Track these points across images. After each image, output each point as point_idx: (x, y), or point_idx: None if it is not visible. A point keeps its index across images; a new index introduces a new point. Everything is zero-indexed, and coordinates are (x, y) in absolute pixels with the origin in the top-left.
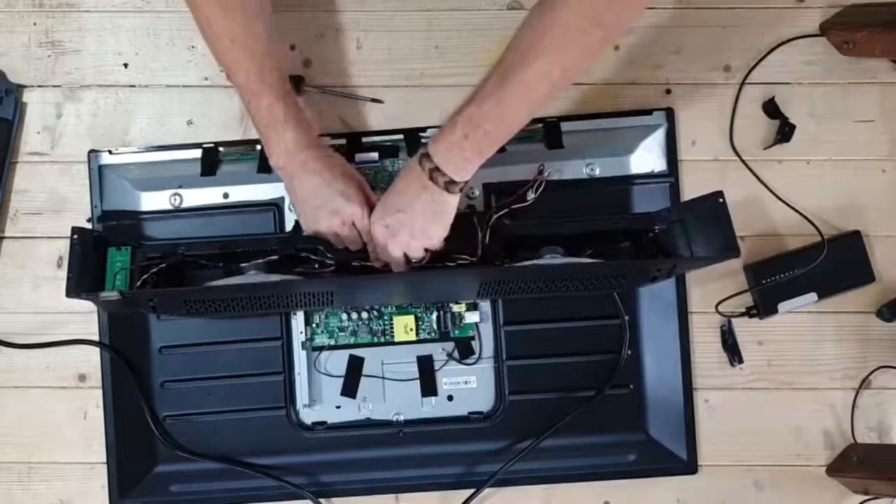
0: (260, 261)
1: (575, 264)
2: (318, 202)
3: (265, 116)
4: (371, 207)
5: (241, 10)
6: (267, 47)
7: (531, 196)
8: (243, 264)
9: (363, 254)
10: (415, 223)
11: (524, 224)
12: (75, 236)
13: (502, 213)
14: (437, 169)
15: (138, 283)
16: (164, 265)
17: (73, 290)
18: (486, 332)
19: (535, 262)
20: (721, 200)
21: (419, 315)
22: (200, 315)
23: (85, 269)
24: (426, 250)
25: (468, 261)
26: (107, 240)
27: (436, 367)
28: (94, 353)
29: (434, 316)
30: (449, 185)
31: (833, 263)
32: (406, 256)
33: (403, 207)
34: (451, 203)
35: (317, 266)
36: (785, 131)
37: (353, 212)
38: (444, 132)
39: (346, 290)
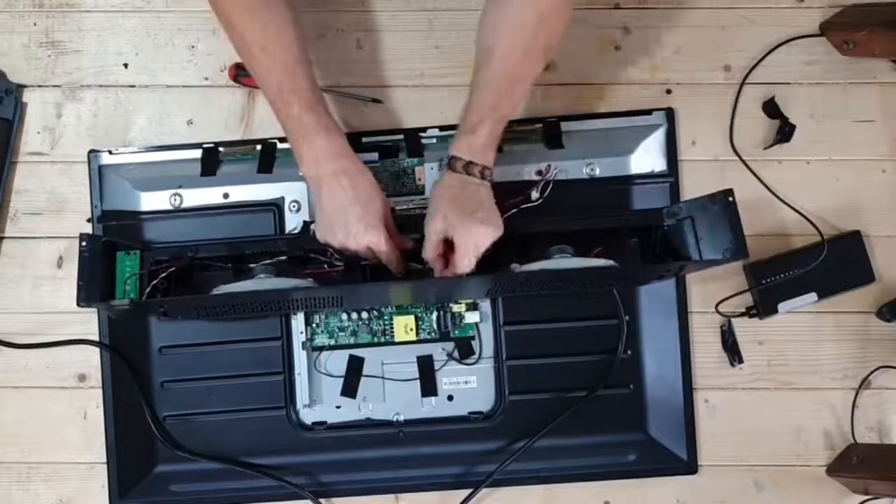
0: (268, 262)
1: (587, 268)
2: (337, 220)
3: (295, 125)
4: (390, 231)
5: (271, 19)
6: (298, 55)
7: (536, 195)
8: (252, 265)
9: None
10: (493, 216)
11: (532, 222)
12: (84, 243)
13: (511, 213)
14: (485, 168)
15: (148, 289)
16: (173, 269)
17: (84, 299)
18: (486, 332)
19: (545, 265)
20: (731, 199)
21: (419, 315)
22: (210, 318)
23: (94, 277)
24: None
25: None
26: (115, 244)
27: (436, 367)
28: (94, 353)
29: (434, 316)
30: (490, 177)
31: (833, 263)
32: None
33: (479, 207)
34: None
35: (325, 266)
36: (785, 131)
37: (370, 240)
38: (470, 143)
39: (357, 294)
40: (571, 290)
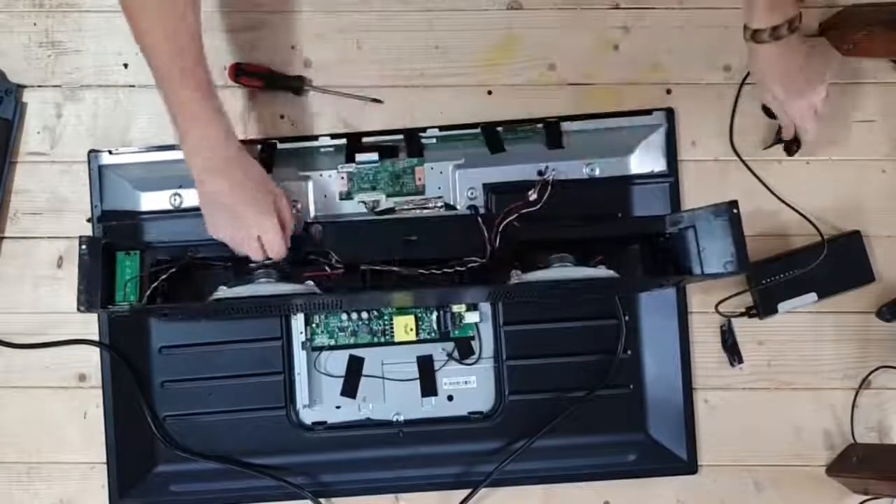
0: (269, 261)
1: (588, 278)
2: (224, 209)
3: (182, 108)
4: (284, 227)
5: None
6: (194, 36)
7: (534, 196)
8: (252, 266)
9: (361, 255)
10: (817, 70)
11: (532, 228)
12: (83, 247)
13: (511, 218)
14: (791, 22)
15: (148, 292)
16: (173, 270)
17: (84, 304)
18: (486, 332)
19: (544, 275)
20: (735, 211)
21: (419, 315)
22: (210, 318)
23: (94, 281)
24: None
25: (477, 262)
26: (115, 246)
27: (436, 367)
28: (94, 353)
29: (434, 316)
30: (799, 22)
31: (833, 263)
32: None
33: (801, 68)
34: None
35: (326, 268)
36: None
37: (260, 230)
38: (766, 5)
39: (357, 299)
40: (571, 298)
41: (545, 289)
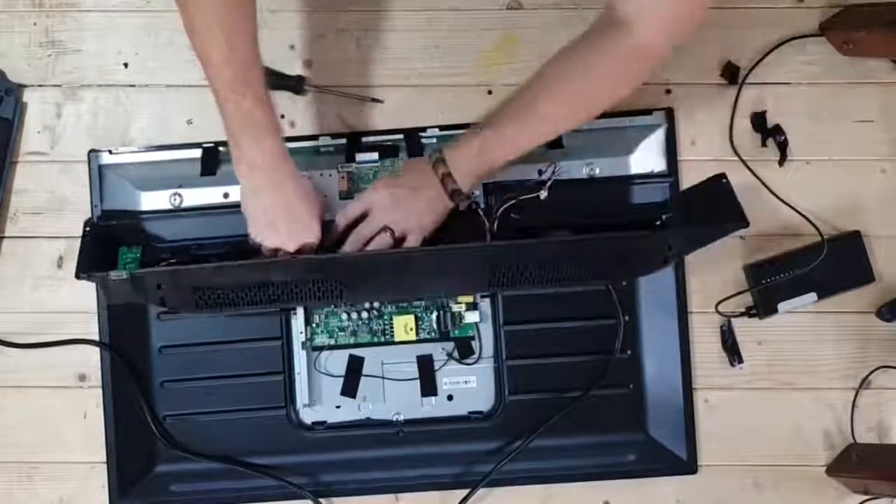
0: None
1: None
2: (278, 220)
3: (244, 121)
4: (322, 237)
5: (235, 4)
6: (255, 45)
7: (545, 194)
8: None
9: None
10: (417, 206)
11: (531, 217)
12: (87, 228)
13: (510, 203)
14: (448, 175)
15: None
16: (174, 261)
17: (84, 269)
18: (486, 331)
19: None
20: (724, 181)
21: (419, 315)
22: (209, 307)
23: (95, 256)
24: (401, 239)
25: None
26: (119, 237)
27: (436, 367)
28: (94, 353)
29: (434, 316)
30: (454, 193)
31: (833, 263)
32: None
33: (415, 188)
34: (447, 209)
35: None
36: (780, 141)
37: (306, 239)
38: (461, 143)
39: (359, 279)
40: (573, 279)
41: (545, 253)
